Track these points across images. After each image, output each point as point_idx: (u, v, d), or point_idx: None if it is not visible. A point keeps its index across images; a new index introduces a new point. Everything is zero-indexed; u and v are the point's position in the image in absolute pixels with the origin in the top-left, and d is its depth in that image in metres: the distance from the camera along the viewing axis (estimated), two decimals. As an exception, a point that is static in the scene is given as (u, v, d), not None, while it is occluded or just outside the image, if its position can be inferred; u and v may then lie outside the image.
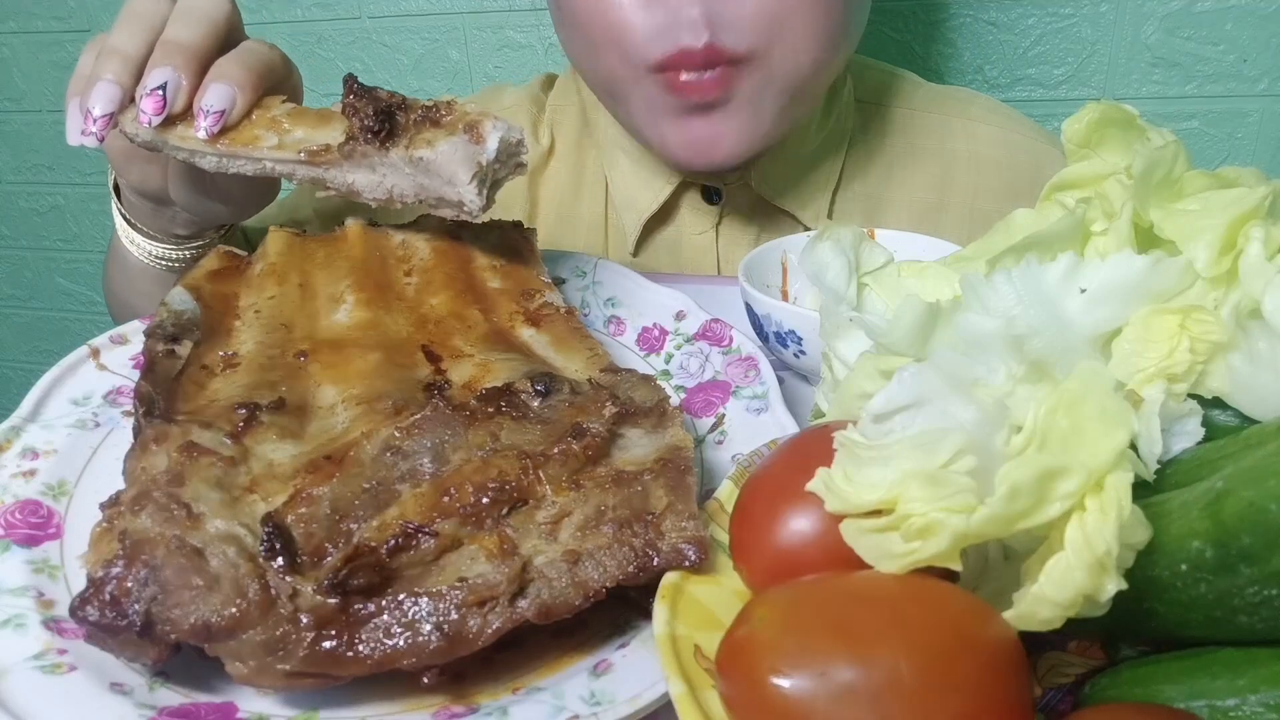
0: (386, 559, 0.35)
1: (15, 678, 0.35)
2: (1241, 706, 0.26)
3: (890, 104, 0.81)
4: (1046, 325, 0.33)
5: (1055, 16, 1.06)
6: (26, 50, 1.46)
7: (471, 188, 0.48)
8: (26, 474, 0.45)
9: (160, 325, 0.47)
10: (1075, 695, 0.30)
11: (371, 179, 0.50)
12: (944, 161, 0.79)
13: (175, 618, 0.33)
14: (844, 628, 0.27)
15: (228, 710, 0.35)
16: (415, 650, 0.34)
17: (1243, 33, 1.02)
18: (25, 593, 0.39)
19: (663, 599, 0.33)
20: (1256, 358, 0.30)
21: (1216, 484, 0.27)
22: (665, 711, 0.33)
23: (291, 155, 0.50)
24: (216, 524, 0.35)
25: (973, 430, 0.29)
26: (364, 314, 0.49)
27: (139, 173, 0.57)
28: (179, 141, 0.50)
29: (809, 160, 0.76)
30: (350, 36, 1.31)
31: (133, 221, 0.62)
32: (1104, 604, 0.26)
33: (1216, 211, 0.33)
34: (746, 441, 0.47)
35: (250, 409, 0.40)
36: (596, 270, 0.62)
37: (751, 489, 0.34)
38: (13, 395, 1.70)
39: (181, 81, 0.49)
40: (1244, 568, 0.26)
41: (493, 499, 0.37)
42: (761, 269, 0.58)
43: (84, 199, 1.57)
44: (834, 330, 0.41)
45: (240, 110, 0.49)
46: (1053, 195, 0.40)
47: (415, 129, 0.49)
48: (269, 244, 0.55)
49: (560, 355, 0.48)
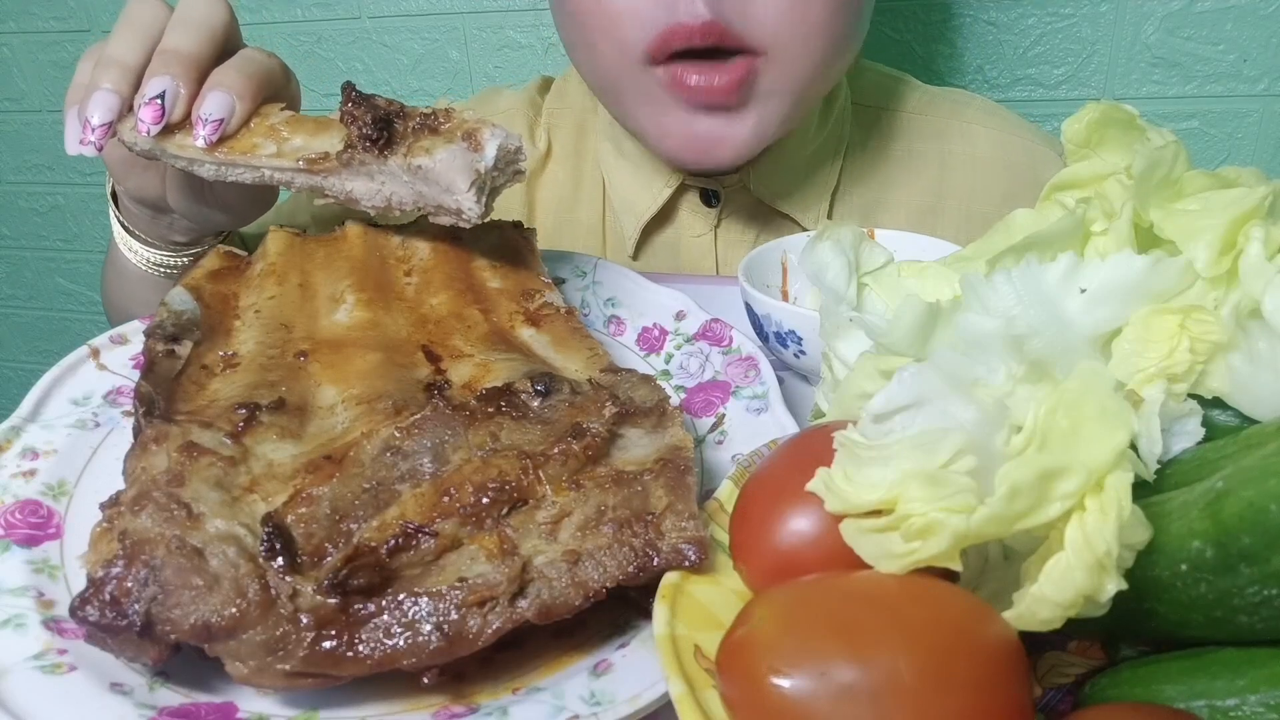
0: (386, 559, 0.35)
1: (15, 678, 0.35)
2: (1241, 706, 0.26)
3: (887, 107, 0.80)
4: (1046, 325, 0.33)
5: (1055, 16, 1.06)
6: (26, 50, 1.46)
7: (470, 195, 0.48)
8: (26, 474, 0.45)
9: (160, 325, 0.47)
10: (1075, 695, 0.30)
11: (370, 187, 0.50)
12: (941, 164, 0.79)
13: (175, 618, 0.33)
14: (844, 628, 0.27)
15: (228, 710, 0.35)
16: (415, 650, 0.34)
17: (1243, 33, 1.02)
18: (25, 593, 0.39)
19: (663, 599, 0.33)
20: (1256, 358, 0.30)
21: (1216, 484, 0.27)
22: (665, 711, 0.33)
23: (290, 163, 0.49)
24: (216, 524, 0.35)
25: (973, 430, 0.29)
26: (364, 314, 0.49)
27: (137, 181, 0.57)
28: (177, 150, 0.50)
29: (807, 164, 0.76)
30: (350, 37, 1.31)
31: (131, 229, 0.62)
32: (1104, 604, 0.26)
33: (1216, 211, 0.33)
34: (746, 441, 0.47)
35: (250, 409, 0.40)
36: (596, 270, 0.62)
37: (751, 489, 0.34)
38: (13, 395, 1.70)
39: (180, 90, 0.49)
40: (1244, 568, 0.26)
41: (493, 499, 0.37)
42: (761, 269, 0.58)
43: (84, 199, 1.57)
44: (834, 330, 0.41)
45: (239, 118, 0.49)
46: (1053, 195, 0.40)
47: (413, 137, 0.49)
48: (269, 244, 0.55)
49: (560, 355, 0.48)
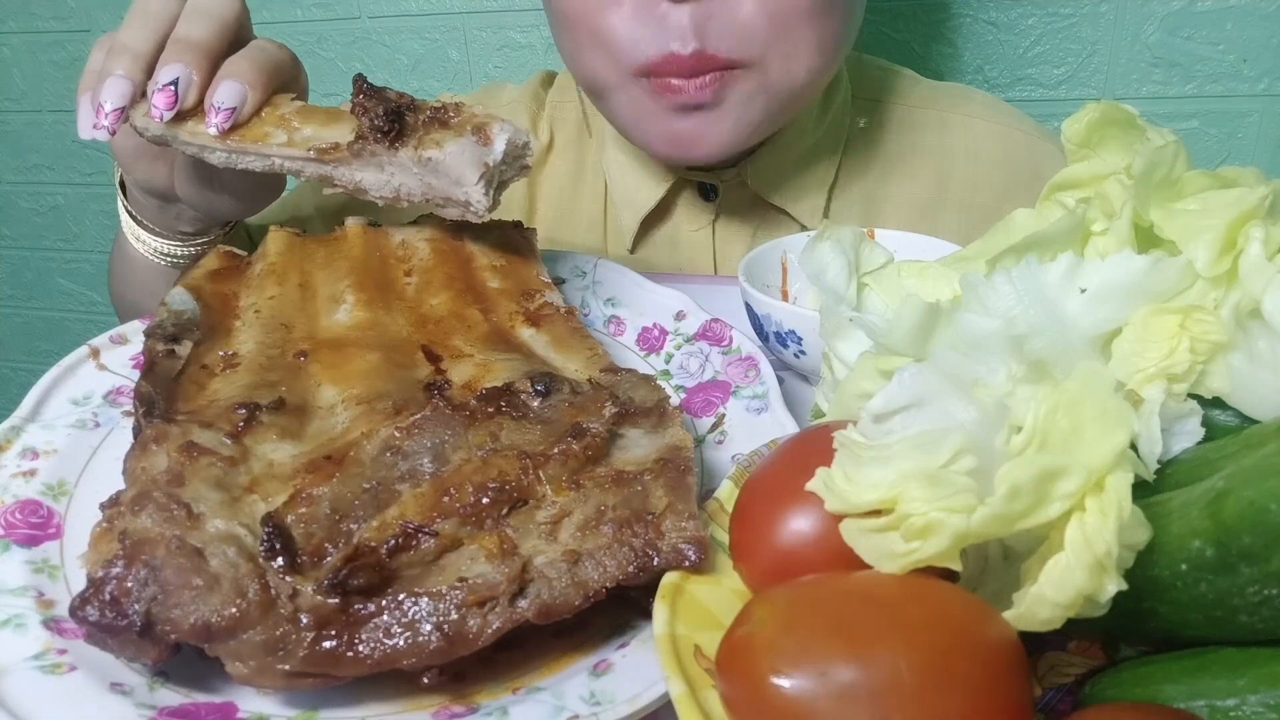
0: (386, 559, 0.35)
1: (15, 678, 0.35)
2: (1241, 706, 0.26)
3: (888, 101, 0.80)
4: (1046, 325, 0.33)
5: (1055, 16, 1.06)
6: (26, 50, 1.46)
7: (479, 188, 0.49)
8: (26, 474, 0.45)
9: (160, 325, 0.47)
10: (1075, 695, 0.30)
11: (379, 178, 0.50)
12: (941, 158, 0.79)
13: (175, 618, 0.33)
14: (844, 628, 0.27)
15: (228, 710, 0.35)
16: (415, 650, 0.34)
17: (1243, 33, 1.02)
18: (25, 593, 0.39)
19: (663, 599, 0.33)
20: (1256, 358, 0.30)
21: (1216, 484, 0.27)
22: (665, 711, 0.33)
23: (300, 152, 0.50)
24: (216, 524, 0.35)
25: (973, 430, 0.29)
26: (364, 314, 0.49)
27: (146, 169, 0.57)
28: (189, 137, 0.50)
29: (805, 157, 0.76)
30: (350, 36, 1.31)
31: (138, 218, 0.63)
32: (1104, 604, 0.26)
33: (1216, 211, 0.33)
34: (746, 441, 0.47)
35: (250, 409, 0.40)
36: (596, 270, 0.62)
37: (751, 489, 0.34)
38: (13, 395, 1.69)
39: (193, 78, 0.49)
40: (1244, 567, 0.26)
41: (493, 499, 0.37)
42: (761, 269, 0.58)
43: (84, 199, 1.57)
44: (834, 330, 0.41)
45: (251, 107, 0.50)
46: (1053, 195, 0.40)
47: (424, 130, 0.50)
48: (269, 244, 0.55)
49: (560, 355, 0.48)
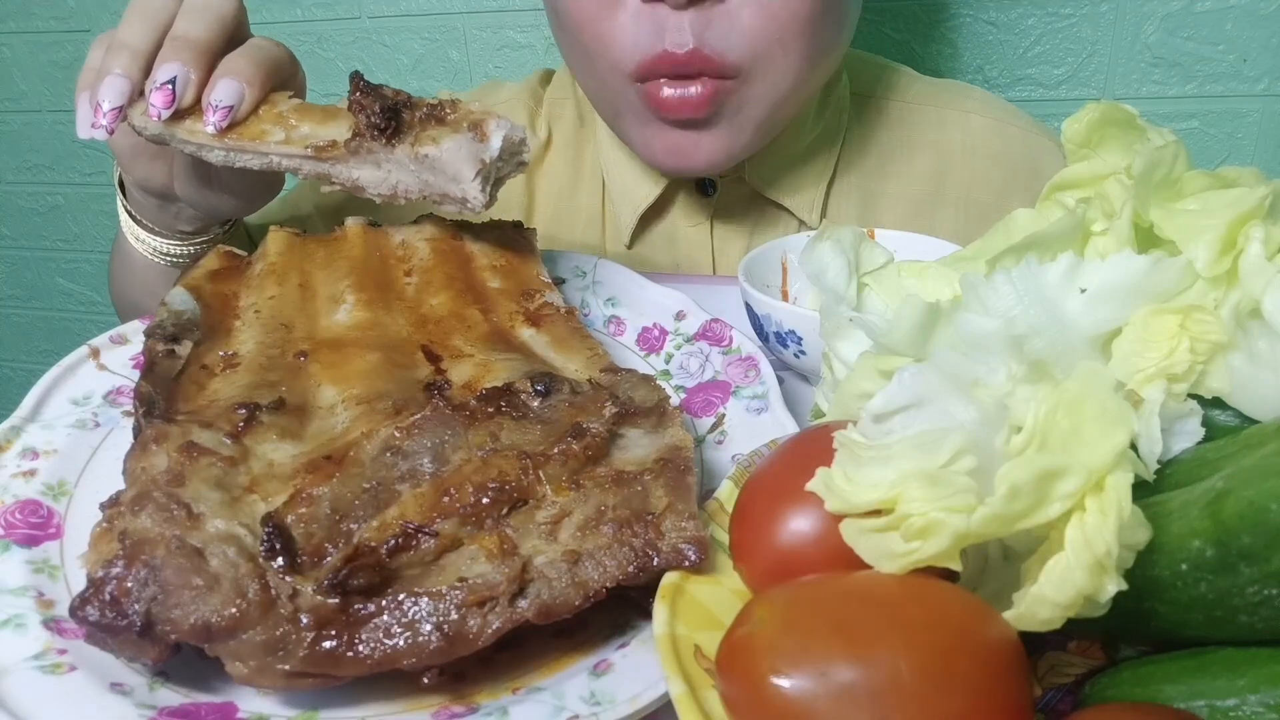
0: (386, 559, 0.35)
1: (15, 678, 0.35)
2: (1241, 707, 0.26)
3: (886, 97, 0.81)
4: (1046, 325, 0.33)
5: (1055, 16, 1.06)
6: (26, 50, 1.46)
7: (475, 185, 0.49)
8: (26, 474, 0.45)
9: (160, 325, 0.47)
10: (1075, 695, 0.30)
11: (377, 175, 0.51)
12: (939, 154, 0.79)
13: (175, 618, 0.33)
14: (844, 628, 0.27)
15: (228, 710, 0.35)
16: (415, 650, 0.34)
17: (1243, 33, 1.02)
18: (25, 593, 0.39)
19: (663, 599, 0.33)
20: (1256, 358, 0.30)
21: (1216, 484, 0.27)
22: (665, 711, 0.33)
23: (298, 150, 0.50)
24: (216, 524, 0.35)
25: (973, 430, 0.29)
26: (364, 314, 0.49)
27: (144, 168, 0.57)
28: (187, 135, 0.50)
29: (803, 154, 0.76)
30: (350, 36, 1.31)
31: (138, 217, 0.63)
32: (1104, 604, 0.26)
33: (1216, 211, 0.33)
34: (746, 441, 0.47)
35: (250, 409, 0.40)
36: (596, 270, 0.62)
37: (751, 489, 0.34)
38: (13, 395, 1.69)
39: (191, 76, 0.49)
40: (1244, 567, 0.26)
41: (493, 499, 0.37)
42: (761, 269, 0.58)
43: (84, 199, 1.57)
44: (834, 330, 0.41)
45: (248, 105, 0.50)
46: (1053, 195, 0.40)
47: (420, 126, 0.50)
48: (269, 244, 0.55)
49: (560, 355, 0.48)
